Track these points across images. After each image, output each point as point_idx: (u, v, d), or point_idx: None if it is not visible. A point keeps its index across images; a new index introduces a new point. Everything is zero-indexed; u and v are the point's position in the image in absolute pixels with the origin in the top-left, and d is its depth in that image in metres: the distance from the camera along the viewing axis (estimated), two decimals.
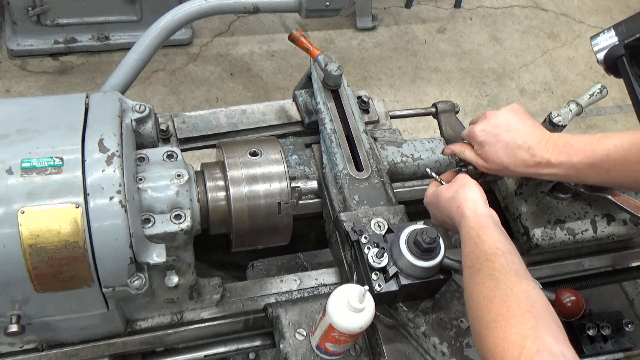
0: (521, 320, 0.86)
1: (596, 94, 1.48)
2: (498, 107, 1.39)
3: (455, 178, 1.26)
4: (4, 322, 1.04)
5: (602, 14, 4.69)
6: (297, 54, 3.74)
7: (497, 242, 1.03)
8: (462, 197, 1.16)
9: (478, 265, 1.00)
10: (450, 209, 1.18)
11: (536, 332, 0.83)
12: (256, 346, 1.37)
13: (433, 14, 4.35)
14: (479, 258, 1.01)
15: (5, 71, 3.33)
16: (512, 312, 0.88)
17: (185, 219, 1.07)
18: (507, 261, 0.99)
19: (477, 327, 0.93)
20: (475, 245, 1.04)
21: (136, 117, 1.16)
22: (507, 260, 0.99)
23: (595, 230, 1.46)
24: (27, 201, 0.94)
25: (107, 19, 3.38)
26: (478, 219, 1.09)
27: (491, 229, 1.06)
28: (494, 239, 1.03)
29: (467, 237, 1.07)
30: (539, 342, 0.82)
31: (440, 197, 1.22)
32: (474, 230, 1.07)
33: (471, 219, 1.10)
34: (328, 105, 1.48)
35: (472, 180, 1.22)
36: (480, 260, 1.01)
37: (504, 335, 0.86)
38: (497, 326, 0.88)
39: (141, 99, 2.06)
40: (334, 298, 1.09)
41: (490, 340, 0.87)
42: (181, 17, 1.98)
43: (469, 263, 1.03)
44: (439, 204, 1.22)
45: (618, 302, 1.69)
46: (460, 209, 1.14)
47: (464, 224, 1.10)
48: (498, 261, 0.98)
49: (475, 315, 0.94)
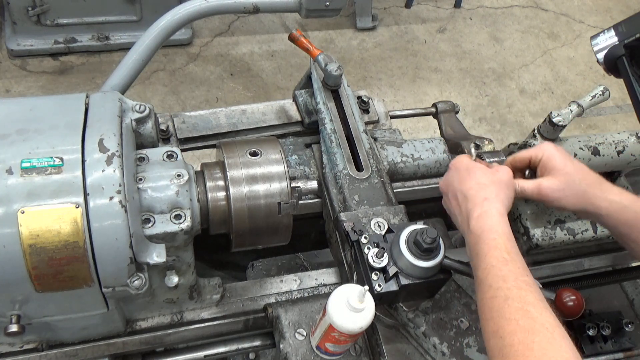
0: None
1: (598, 95, 1.48)
2: (498, 107, 1.39)
3: (497, 166, 1.17)
4: (4, 322, 1.04)
5: (602, 14, 4.69)
6: (297, 54, 3.74)
7: (525, 266, 0.95)
8: (495, 193, 1.08)
9: (506, 290, 0.91)
10: (477, 193, 1.08)
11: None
12: (256, 346, 1.37)
13: (433, 14, 4.35)
14: (507, 280, 0.92)
15: (5, 71, 3.33)
16: None
17: (185, 219, 1.07)
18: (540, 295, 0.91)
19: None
20: (503, 261, 0.95)
21: (136, 117, 1.16)
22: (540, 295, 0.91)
23: (595, 230, 1.46)
24: (27, 201, 0.94)
25: (107, 19, 3.38)
26: (506, 228, 1.02)
27: (517, 248, 0.99)
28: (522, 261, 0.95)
29: (491, 245, 0.99)
30: None
31: (475, 174, 1.12)
32: (502, 239, 0.99)
33: (498, 224, 1.02)
34: (328, 105, 1.48)
35: (512, 180, 1.14)
36: (508, 284, 0.92)
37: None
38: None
39: (141, 99, 2.06)
40: (334, 298, 1.09)
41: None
42: (181, 17, 1.98)
43: (491, 282, 0.94)
44: (469, 178, 1.11)
45: (618, 302, 1.69)
46: (487, 202, 1.06)
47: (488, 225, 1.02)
48: (532, 294, 0.90)
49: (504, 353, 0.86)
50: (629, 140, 1.54)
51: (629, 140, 1.54)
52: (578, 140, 1.52)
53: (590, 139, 1.52)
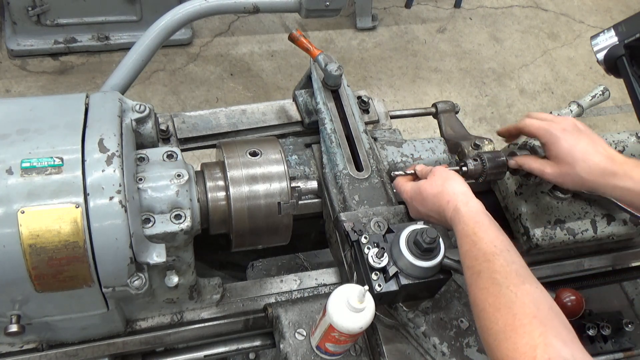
0: (529, 329, 0.86)
1: (598, 95, 1.48)
2: (498, 107, 1.39)
3: (432, 171, 1.23)
4: (4, 322, 1.04)
5: (602, 14, 4.69)
6: (297, 54, 3.74)
7: (494, 239, 1.02)
8: (451, 190, 1.14)
9: (478, 266, 1.00)
10: (439, 203, 1.15)
11: (545, 339, 0.83)
12: (256, 346, 1.37)
13: (433, 14, 4.35)
14: (478, 258, 1.01)
15: (5, 71, 3.33)
16: (520, 321, 0.87)
17: (185, 219, 1.07)
18: (506, 261, 0.98)
19: (486, 338, 0.92)
20: (472, 243, 1.03)
21: (136, 117, 1.16)
22: (507, 260, 0.98)
23: (595, 230, 1.46)
24: (27, 201, 0.94)
25: (107, 19, 3.38)
26: (472, 214, 1.08)
27: (486, 225, 1.06)
28: (490, 236, 1.03)
29: (463, 234, 1.06)
30: (550, 349, 0.82)
31: (424, 191, 1.20)
32: (469, 226, 1.06)
33: (465, 214, 1.08)
34: (328, 105, 1.48)
35: (453, 172, 1.21)
36: (479, 261, 1.00)
37: (514, 346, 0.85)
38: (506, 337, 0.87)
39: (141, 99, 2.06)
40: (334, 298, 1.09)
41: (501, 352, 0.86)
42: (181, 17, 1.99)
43: (468, 263, 1.03)
44: (425, 199, 1.19)
45: (618, 302, 1.69)
46: (451, 203, 1.12)
47: (459, 220, 1.09)
48: (498, 262, 0.98)
49: (484, 325, 0.93)
50: (629, 140, 1.54)
51: (629, 140, 1.54)
52: None
53: None
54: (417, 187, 1.23)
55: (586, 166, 1.15)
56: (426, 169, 1.28)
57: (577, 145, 1.17)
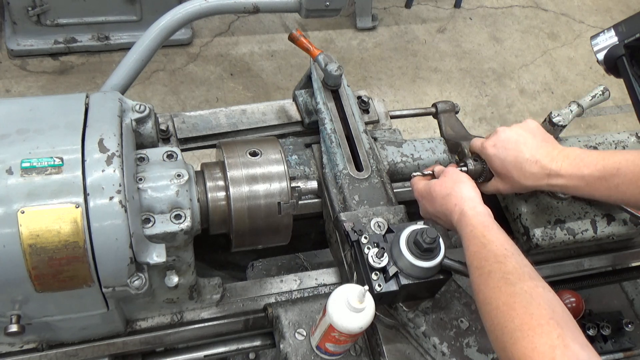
0: (547, 329, 0.86)
1: (598, 95, 1.48)
2: (498, 107, 1.40)
3: (444, 172, 1.25)
4: (4, 322, 1.04)
5: (602, 14, 4.69)
6: (297, 54, 3.74)
7: (504, 242, 1.03)
8: (459, 194, 1.16)
9: (488, 267, 0.99)
10: (446, 205, 1.17)
11: (563, 341, 0.83)
12: (256, 346, 1.37)
13: (433, 14, 4.35)
14: (488, 259, 1.00)
15: (5, 71, 3.33)
16: (537, 321, 0.87)
17: (185, 219, 1.07)
18: (518, 263, 0.98)
19: (499, 335, 0.92)
20: (481, 245, 1.03)
21: (136, 117, 1.16)
22: (519, 263, 0.98)
23: (595, 230, 1.46)
24: (27, 201, 0.94)
25: (107, 19, 3.38)
26: (480, 218, 1.09)
27: (495, 230, 1.06)
28: (500, 240, 1.03)
29: (471, 236, 1.07)
30: (568, 351, 0.82)
31: (434, 192, 1.22)
32: (478, 229, 1.06)
33: (472, 218, 1.09)
34: (328, 105, 1.48)
35: (465, 175, 1.23)
36: (489, 262, 1.00)
37: (532, 346, 0.85)
38: (523, 336, 0.87)
39: (141, 99, 2.06)
40: (334, 298, 1.09)
41: (518, 350, 0.86)
42: (181, 17, 1.99)
43: (476, 263, 1.02)
44: (434, 199, 1.22)
45: (618, 302, 1.69)
46: (458, 206, 1.14)
47: (466, 222, 1.10)
48: (510, 263, 0.98)
49: (496, 322, 0.93)
50: (629, 140, 1.54)
51: (629, 140, 1.54)
52: (578, 140, 1.52)
53: (590, 139, 1.52)
54: (428, 186, 1.25)
55: (522, 175, 1.21)
56: (442, 169, 1.30)
57: (506, 159, 1.22)
